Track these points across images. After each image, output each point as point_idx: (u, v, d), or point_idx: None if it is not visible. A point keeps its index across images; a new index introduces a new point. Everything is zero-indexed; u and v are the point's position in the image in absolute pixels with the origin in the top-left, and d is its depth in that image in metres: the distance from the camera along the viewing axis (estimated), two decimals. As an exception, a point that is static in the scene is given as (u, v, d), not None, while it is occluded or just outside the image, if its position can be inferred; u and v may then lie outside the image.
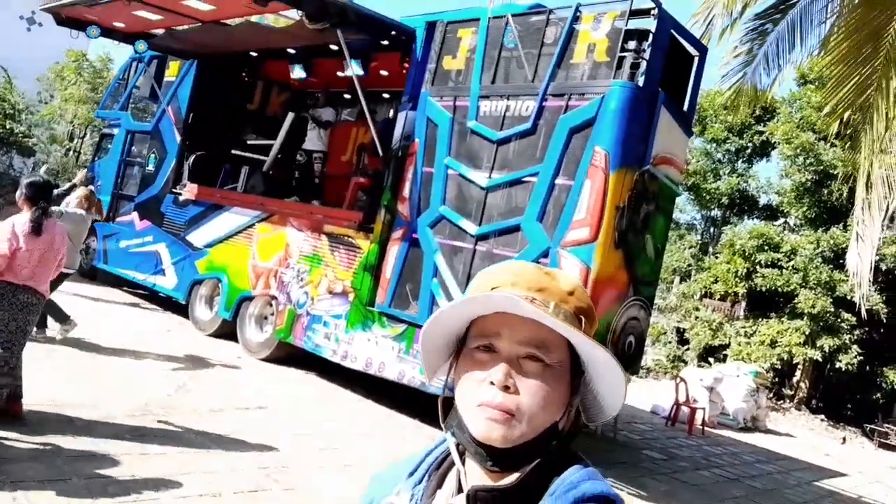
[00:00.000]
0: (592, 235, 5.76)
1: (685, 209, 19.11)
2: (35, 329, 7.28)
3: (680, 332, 16.63)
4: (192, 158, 10.22)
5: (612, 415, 0.99)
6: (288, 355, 8.01)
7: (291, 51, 9.23)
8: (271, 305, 8.20)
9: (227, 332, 8.63)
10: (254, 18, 7.96)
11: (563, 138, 5.98)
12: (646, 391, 12.79)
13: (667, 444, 8.85)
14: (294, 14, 7.20)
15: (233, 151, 10.18)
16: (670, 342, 16.41)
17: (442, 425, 0.96)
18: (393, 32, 7.40)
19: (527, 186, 6.15)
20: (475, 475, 0.92)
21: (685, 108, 6.59)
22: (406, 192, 6.93)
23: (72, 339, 6.81)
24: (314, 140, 9.75)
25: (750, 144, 17.02)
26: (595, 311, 0.98)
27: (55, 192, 8.48)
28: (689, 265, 17.53)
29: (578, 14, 6.17)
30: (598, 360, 0.93)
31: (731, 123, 16.52)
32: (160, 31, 9.12)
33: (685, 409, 10.15)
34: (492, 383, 0.89)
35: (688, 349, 16.14)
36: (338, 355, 7.18)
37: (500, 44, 6.60)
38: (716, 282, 15.90)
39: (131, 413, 5.17)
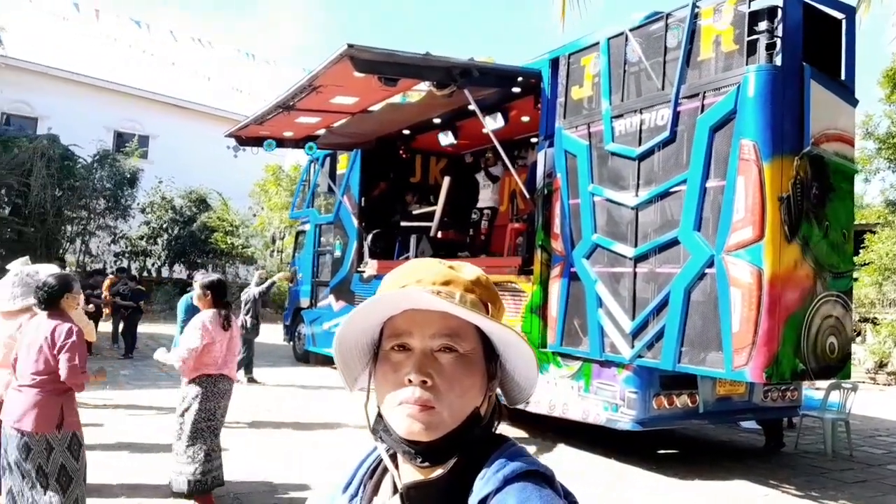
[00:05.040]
0: (758, 234, 5.30)
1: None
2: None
3: (929, 326, 14.32)
4: (369, 238, 11.05)
5: (530, 393, 0.97)
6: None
7: (437, 120, 9.76)
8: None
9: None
10: (395, 100, 8.55)
11: (706, 138, 5.65)
12: (894, 399, 11.13)
13: (921, 455, 7.59)
14: (425, 86, 7.64)
15: (402, 223, 10.83)
16: (919, 339, 14.16)
17: (370, 433, 0.97)
18: (519, 78, 7.56)
19: (677, 196, 5.85)
20: (408, 475, 0.93)
21: (842, 76, 5.93)
22: (557, 228, 6.89)
23: (277, 421, 7.51)
24: (486, 198, 10.10)
25: (969, 97, 14.63)
26: (499, 296, 0.97)
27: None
28: (923, 248, 15.16)
29: (697, 10, 5.90)
30: (508, 343, 0.93)
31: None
32: (322, 131, 10.12)
33: (943, 412, 8.68)
34: (410, 381, 0.90)
35: (944, 344, 13.84)
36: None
37: (623, 61, 6.47)
38: (961, 261, 13.63)
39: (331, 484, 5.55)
